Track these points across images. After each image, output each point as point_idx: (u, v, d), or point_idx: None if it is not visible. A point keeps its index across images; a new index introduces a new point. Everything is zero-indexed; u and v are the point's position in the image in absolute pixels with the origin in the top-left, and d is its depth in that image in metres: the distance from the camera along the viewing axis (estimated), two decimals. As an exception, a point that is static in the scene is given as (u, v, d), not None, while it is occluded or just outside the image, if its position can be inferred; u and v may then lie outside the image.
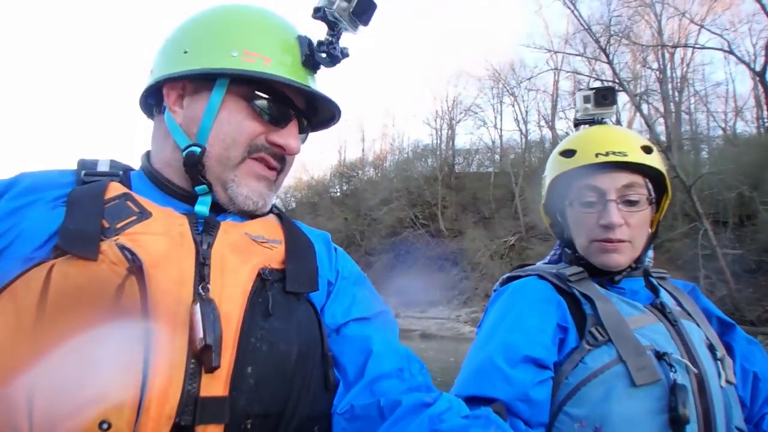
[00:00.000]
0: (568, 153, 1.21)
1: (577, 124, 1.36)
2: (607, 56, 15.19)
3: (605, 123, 1.32)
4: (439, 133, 35.44)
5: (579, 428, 1.02)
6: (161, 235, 0.74)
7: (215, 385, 0.66)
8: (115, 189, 0.79)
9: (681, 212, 16.60)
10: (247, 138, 0.82)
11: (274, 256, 0.81)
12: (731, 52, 16.60)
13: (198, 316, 0.66)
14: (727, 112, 21.91)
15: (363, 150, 41.09)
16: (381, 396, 0.77)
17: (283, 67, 0.82)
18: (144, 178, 0.87)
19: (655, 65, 21.87)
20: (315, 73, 0.88)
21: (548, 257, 1.36)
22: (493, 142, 33.36)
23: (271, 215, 0.93)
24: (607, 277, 1.19)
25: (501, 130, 32.76)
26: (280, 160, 0.86)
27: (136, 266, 0.67)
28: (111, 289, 0.65)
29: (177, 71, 0.82)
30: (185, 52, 0.83)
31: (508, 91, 29.53)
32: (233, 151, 0.82)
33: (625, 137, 1.21)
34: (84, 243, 0.68)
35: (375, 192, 34.67)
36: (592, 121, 1.33)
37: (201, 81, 0.82)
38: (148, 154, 0.91)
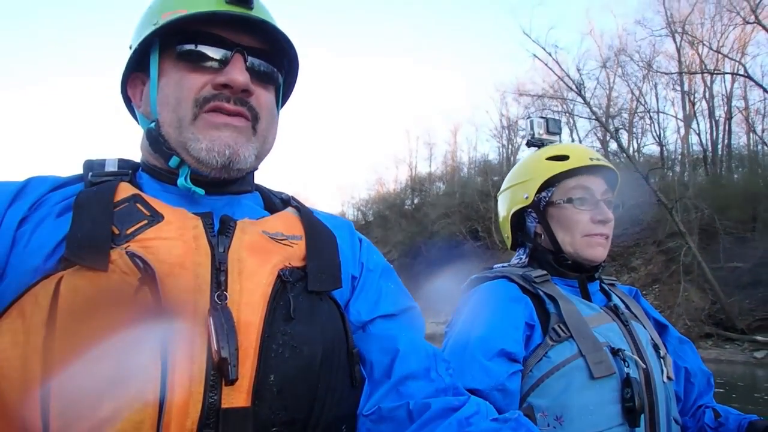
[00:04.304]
0: (561, 157, 1.33)
1: (530, 144, 1.49)
2: (584, 98, 16.95)
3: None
4: (504, 149, 37.23)
5: (542, 417, 1.11)
6: (174, 240, 0.71)
7: (237, 396, 0.64)
8: (124, 190, 0.76)
9: (698, 226, 17.72)
10: (189, 92, 0.77)
11: (294, 253, 0.79)
12: (747, 75, 17.48)
13: (212, 328, 0.64)
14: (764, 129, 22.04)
15: (430, 166, 43.86)
16: (409, 398, 0.76)
17: (203, 9, 0.77)
18: (143, 174, 0.85)
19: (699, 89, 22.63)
20: (250, 8, 0.80)
21: (512, 261, 1.45)
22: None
23: (290, 208, 0.90)
24: (588, 274, 1.33)
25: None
26: (240, 102, 0.78)
27: (148, 275, 0.64)
28: (123, 300, 0.63)
29: (124, 68, 0.84)
30: (129, 47, 0.83)
31: (564, 108, 30.81)
32: (181, 110, 0.77)
33: (596, 152, 1.37)
34: (93, 253, 0.65)
35: (435, 207, 37.17)
36: (541, 144, 1.47)
37: (146, 67, 0.82)
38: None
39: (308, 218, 0.87)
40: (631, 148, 26.83)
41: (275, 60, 0.85)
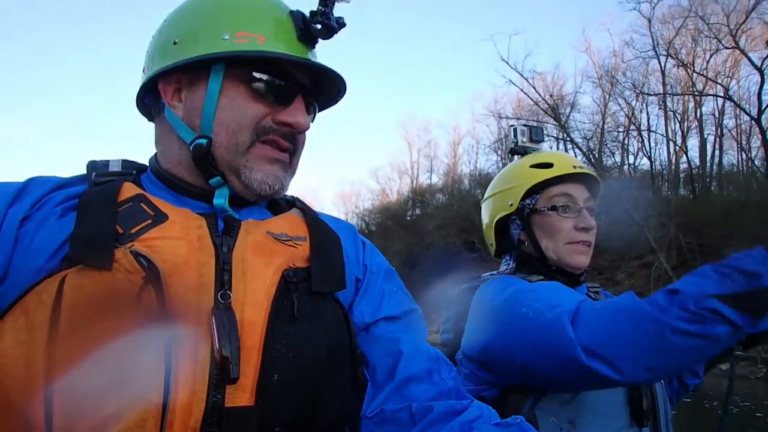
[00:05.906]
0: (545, 165, 1.35)
1: (514, 152, 1.52)
2: (562, 125, 17.65)
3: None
4: (502, 162, 37.81)
5: (554, 422, 1.11)
6: (179, 240, 0.71)
7: (240, 395, 0.65)
8: (128, 190, 0.76)
9: (675, 243, 18.26)
10: (252, 121, 0.79)
11: (298, 254, 0.79)
12: (729, 98, 17.97)
13: (214, 327, 0.65)
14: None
15: (430, 178, 44.53)
16: (412, 401, 0.76)
17: (280, 43, 0.79)
18: (154, 180, 0.84)
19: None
20: (313, 47, 0.84)
21: (501, 268, 1.45)
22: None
23: (295, 209, 0.90)
24: (572, 279, 1.34)
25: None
26: (290, 140, 0.83)
27: (152, 274, 0.65)
28: (127, 299, 0.63)
29: (169, 64, 0.80)
30: (174, 43, 0.80)
31: (559, 125, 31.42)
32: (240, 136, 0.78)
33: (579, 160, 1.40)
34: (97, 252, 0.66)
35: (433, 218, 37.84)
36: (525, 152, 1.49)
37: (196, 71, 0.79)
38: (155, 157, 0.87)
39: (313, 219, 0.88)
40: (625, 164, 27.42)
41: (317, 98, 0.90)
